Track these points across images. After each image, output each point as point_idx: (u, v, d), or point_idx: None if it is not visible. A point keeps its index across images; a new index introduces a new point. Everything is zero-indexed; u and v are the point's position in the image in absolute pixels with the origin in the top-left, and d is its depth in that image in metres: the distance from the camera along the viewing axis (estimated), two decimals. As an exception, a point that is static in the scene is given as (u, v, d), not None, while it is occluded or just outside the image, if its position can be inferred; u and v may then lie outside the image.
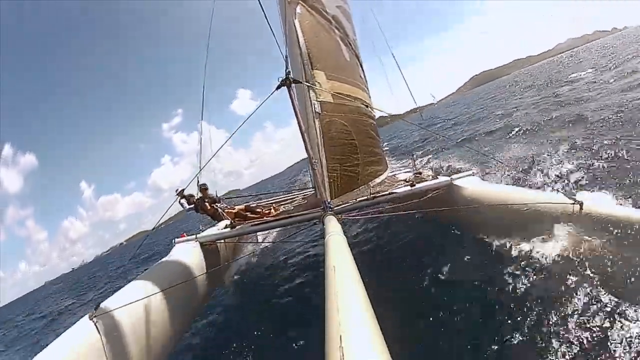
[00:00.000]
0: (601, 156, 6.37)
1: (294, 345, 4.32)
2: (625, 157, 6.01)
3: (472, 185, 4.51)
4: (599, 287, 2.91)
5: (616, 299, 2.78)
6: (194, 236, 5.13)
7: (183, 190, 5.97)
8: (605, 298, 2.87)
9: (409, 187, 4.97)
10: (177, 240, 5.13)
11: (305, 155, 4.77)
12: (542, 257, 3.52)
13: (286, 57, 4.92)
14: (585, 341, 2.71)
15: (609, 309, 2.80)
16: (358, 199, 4.98)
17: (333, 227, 3.39)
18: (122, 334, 3.05)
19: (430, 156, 13.14)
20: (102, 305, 3.11)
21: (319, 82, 5.17)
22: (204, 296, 5.10)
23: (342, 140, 5.46)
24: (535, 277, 3.53)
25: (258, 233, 6.79)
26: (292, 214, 5.39)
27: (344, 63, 6.19)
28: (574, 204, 2.78)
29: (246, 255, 7.16)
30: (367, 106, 6.48)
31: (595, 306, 2.91)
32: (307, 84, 5.00)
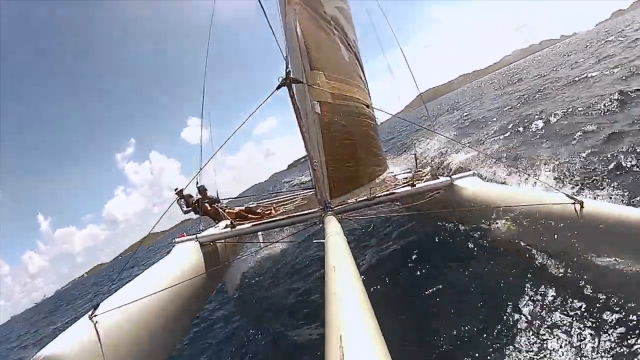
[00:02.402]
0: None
1: (294, 345, 4.32)
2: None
3: (472, 185, 4.52)
4: (599, 289, 2.89)
5: (616, 301, 2.77)
6: (194, 236, 5.13)
7: (182, 190, 5.97)
8: (605, 300, 2.86)
9: (409, 187, 4.98)
10: (176, 240, 5.13)
11: (255, 183, 4.74)
12: (543, 257, 3.52)
13: (286, 56, 4.92)
14: (589, 344, 2.71)
15: (610, 311, 2.79)
16: (358, 199, 4.99)
17: (333, 227, 3.39)
18: (121, 333, 3.04)
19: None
20: (102, 304, 3.11)
21: (318, 83, 5.17)
22: (203, 296, 5.10)
23: (341, 141, 5.46)
24: (535, 277, 3.53)
25: (258, 233, 6.79)
26: (292, 214, 5.39)
27: (343, 64, 6.19)
28: (574, 203, 2.78)
29: (246, 255, 7.16)
30: (366, 107, 6.49)
31: (595, 307, 2.91)
32: (307, 83, 5.01)
